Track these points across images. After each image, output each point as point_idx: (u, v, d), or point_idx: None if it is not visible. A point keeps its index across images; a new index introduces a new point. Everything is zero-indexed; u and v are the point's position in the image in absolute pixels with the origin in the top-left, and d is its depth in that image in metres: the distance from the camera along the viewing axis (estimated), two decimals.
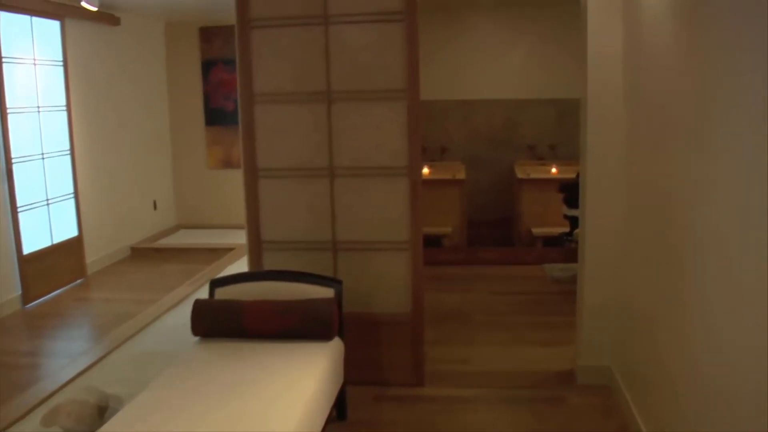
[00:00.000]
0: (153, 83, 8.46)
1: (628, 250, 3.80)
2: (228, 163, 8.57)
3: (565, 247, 6.80)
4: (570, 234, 5.38)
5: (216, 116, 8.57)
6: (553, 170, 7.04)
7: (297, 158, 4.06)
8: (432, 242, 6.80)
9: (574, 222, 5.18)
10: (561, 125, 7.81)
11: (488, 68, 7.75)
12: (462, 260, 6.66)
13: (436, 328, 5.00)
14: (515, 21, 7.70)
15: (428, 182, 6.83)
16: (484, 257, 6.68)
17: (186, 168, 8.78)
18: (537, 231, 6.75)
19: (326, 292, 3.67)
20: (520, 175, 6.91)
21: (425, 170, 7.02)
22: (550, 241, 6.81)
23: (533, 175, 6.89)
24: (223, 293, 3.79)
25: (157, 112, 8.55)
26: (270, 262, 4.17)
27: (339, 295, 3.66)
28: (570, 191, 4.97)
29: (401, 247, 4.02)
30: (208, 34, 8.48)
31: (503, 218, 7.89)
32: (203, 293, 5.31)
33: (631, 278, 3.70)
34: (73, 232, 6.79)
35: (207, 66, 8.55)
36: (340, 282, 3.69)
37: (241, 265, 6.29)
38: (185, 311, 4.21)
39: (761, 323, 1.91)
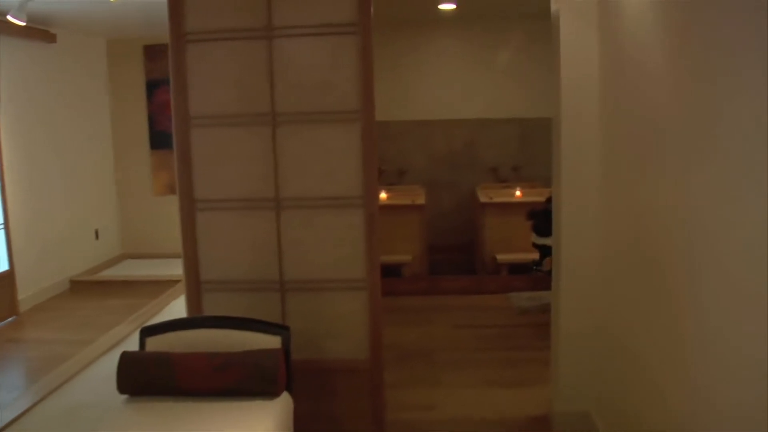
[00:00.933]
0: (94, 104, 7.91)
1: (609, 278, 3.42)
2: (174, 189, 8.00)
3: (531, 274, 6.41)
4: (539, 263, 5.00)
5: (161, 139, 8.01)
6: (517, 193, 6.66)
7: (239, 188, 3.60)
8: (391, 271, 6.37)
9: (543, 251, 4.81)
10: (524, 146, 7.45)
11: (448, 86, 7.37)
12: (423, 290, 6.23)
13: (396, 369, 4.56)
14: (476, 36, 7.34)
15: (386, 208, 6.41)
16: (447, 286, 6.26)
17: (130, 194, 8.22)
18: (501, 258, 6.36)
19: (272, 341, 3.20)
20: (482, 198, 6.52)
21: (383, 195, 6.59)
22: (516, 269, 6.42)
23: (496, 199, 6.51)
24: (156, 343, 3.30)
25: (99, 135, 8.00)
26: (211, 305, 3.69)
27: (287, 344, 3.20)
28: (539, 218, 4.60)
29: (357, 286, 3.58)
30: (152, 52, 7.96)
31: (465, 244, 7.49)
32: None
33: (615, 311, 3.31)
34: (2, 266, 6.22)
35: (152, 86, 8.03)
36: (287, 329, 3.22)
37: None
38: None
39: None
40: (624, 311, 3.18)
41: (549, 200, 4.74)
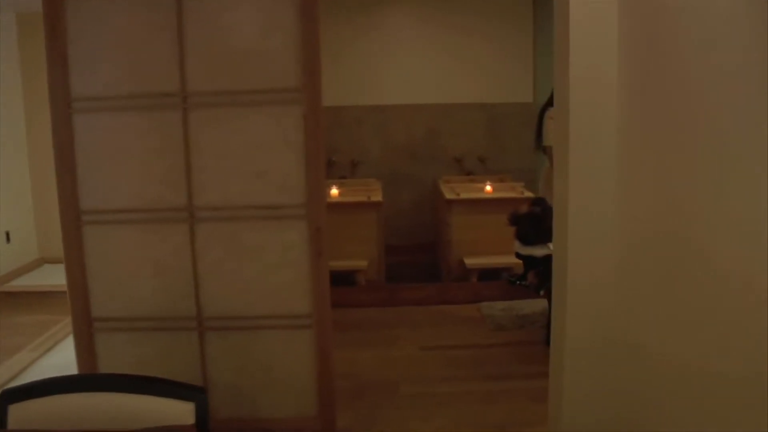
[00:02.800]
0: (4, 87, 6.81)
1: (626, 286, 2.59)
2: None
3: (503, 281, 5.55)
4: (522, 277, 4.16)
5: None
6: (488, 188, 5.80)
7: (139, 195, 2.64)
8: (343, 279, 5.45)
9: (528, 262, 3.97)
10: (491, 134, 6.58)
11: (407, 69, 6.45)
12: (381, 301, 5.34)
13: (351, 409, 3.65)
14: (439, 14, 6.43)
15: (337, 206, 5.48)
16: (409, 296, 5.37)
17: (48, 190, 7.13)
18: (471, 262, 5.50)
19: (181, 411, 2.26)
20: (448, 195, 5.65)
21: (333, 191, 5.67)
22: (486, 274, 5.56)
23: (464, 195, 5.64)
24: (24, 413, 2.34)
25: (10, 121, 6.90)
26: (107, 350, 2.74)
27: (203, 412, 2.26)
28: (524, 224, 3.77)
29: (301, 323, 2.66)
30: None
31: (427, 244, 6.60)
32: (56, 357, 4.01)
33: (637, 321, 2.50)
34: None
35: None
36: (203, 392, 2.29)
37: None
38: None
39: None
40: (651, 322, 2.46)
41: (535, 202, 3.87)
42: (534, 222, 3.70)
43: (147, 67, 2.56)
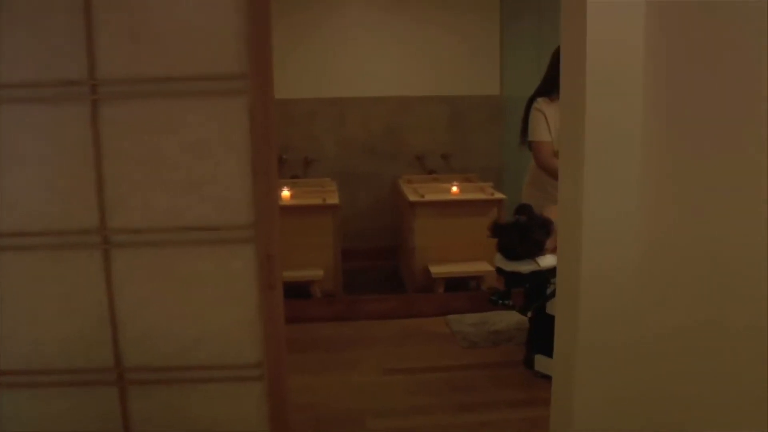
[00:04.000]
0: None
1: (652, 287, 2.14)
2: None
3: (473, 291, 5.03)
4: (506, 296, 3.60)
5: None
6: (454, 189, 5.26)
7: (38, 214, 2.02)
8: (297, 291, 4.86)
9: (513, 280, 3.42)
10: (455, 130, 6.04)
11: (365, 59, 5.85)
12: (339, 315, 4.76)
13: None
14: (400, 2, 5.84)
15: (289, 210, 4.88)
16: (369, 309, 4.81)
17: None
18: (437, 271, 4.96)
19: None
20: (411, 196, 5.09)
21: (285, 193, 5.06)
22: (453, 284, 5.02)
23: (429, 197, 5.10)
24: None
25: None
26: (10, 409, 2.12)
27: None
28: (509, 236, 3.21)
29: (249, 374, 2.07)
30: None
31: (387, 249, 6.04)
32: None
33: (665, 323, 2.09)
34: None
35: None
36: None
37: None
38: None
39: None
40: (673, 326, 2.11)
41: (520, 210, 3.34)
42: (520, 233, 3.17)
43: (44, 45, 1.94)
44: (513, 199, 5.11)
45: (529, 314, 3.38)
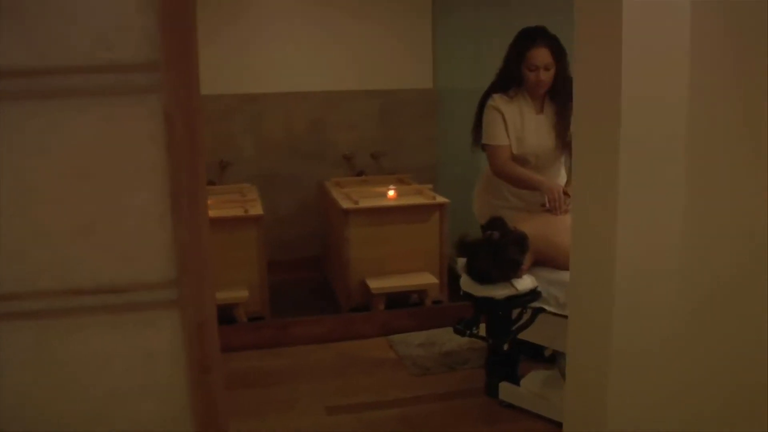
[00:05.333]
0: None
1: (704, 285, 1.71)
2: None
3: (416, 306, 4.47)
4: (472, 323, 2.98)
5: None
6: (390, 193, 4.67)
7: None
8: (219, 315, 4.18)
9: (483, 306, 2.83)
10: (386, 126, 5.45)
11: (286, 51, 5.15)
12: (269, 342, 4.11)
13: None
14: None
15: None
16: (303, 333, 4.18)
17: None
18: (376, 286, 4.37)
19: None
20: (344, 203, 4.49)
21: None
22: (395, 300, 4.44)
23: (364, 203, 4.50)
24: None
25: None
26: None
27: None
28: (480, 256, 2.63)
29: None
30: None
31: (313, 258, 5.41)
32: None
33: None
34: None
35: None
36: None
37: None
38: None
39: None
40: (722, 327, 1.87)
41: (491, 225, 2.77)
42: (493, 253, 2.62)
43: None
44: (454, 202, 4.59)
45: (506, 347, 2.83)
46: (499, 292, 2.66)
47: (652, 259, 1.76)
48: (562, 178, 3.45)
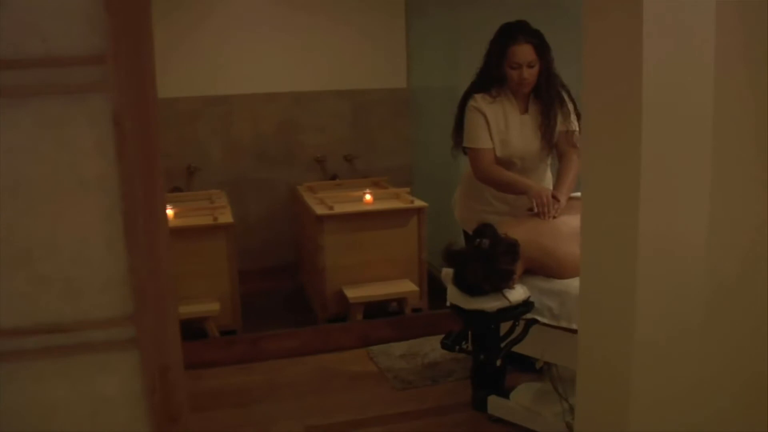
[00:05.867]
0: None
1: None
2: None
3: (396, 315, 4.26)
4: (461, 337, 2.78)
5: None
6: (367, 197, 4.46)
7: None
8: (189, 331, 3.93)
9: (472, 320, 2.62)
10: (359, 127, 5.23)
11: (255, 51, 4.90)
12: (243, 357, 3.87)
13: None
14: None
15: (174, 233, 3.94)
16: (278, 347, 3.94)
17: None
18: (354, 295, 4.15)
19: None
20: (318, 209, 4.26)
21: (168, 212, 4.11)
22: (373, 309, 4.23)
23: (339, 209, 4.28)
24: None
25: None
26: None
27: None
28: (469, 266, 2.43)
29: None
30: None
31: (286, 266, 5.17)
32: None
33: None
34: None
35: None
36: None
37: None
38: None
39: None
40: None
41: (480, 232, 2.56)
42: (484, 264, 2.41)
43: None
44: (432, 205, 4.39)
45: (498, 363, 2.62)
46: (491, 304, 2.45)
47: (676, 261, 1.60)
48: (548, 181, 3.26)
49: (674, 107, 1.44)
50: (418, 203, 4.30)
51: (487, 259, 2.43)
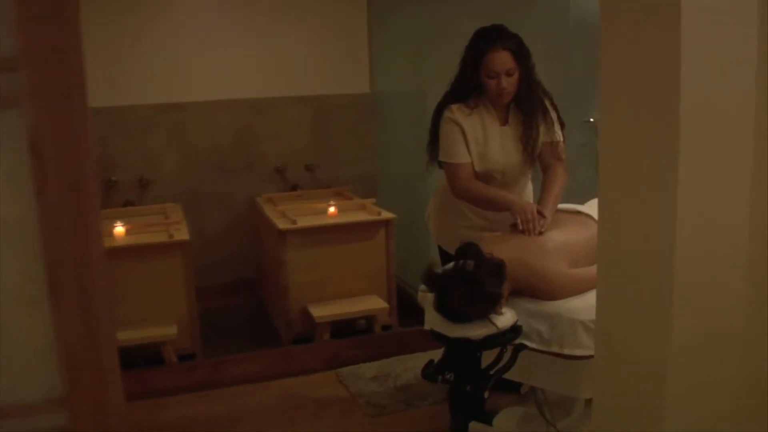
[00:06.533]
0: None
1: None
2: None
3: (365, 333, 4.01)
4: (445, 368, 2.52)
5: None
6: (331, 209, 4.20)
7: None
8: (145, 356, 3.62)
9: (458, 348, 2.37)
10: (321, 135, 4.97)
11: (211, 56, 4.62)
12: (203, 383, 3.57)
13: None
14: None
15: (125, 252, 3.64)
16: (240, 372, 3.66)
17: None
18: (320, 314, 3.88)
19: None
20: (281, 223, 3.98)
21: (118, 229, 3.79)
22: (341, 328, 3.97)
23: (302, 222, 4.02)
24: None
25: None
26: None
27: None
28: (453, 290, 2.19)
29: None
30: None
31: (246, 282, 4.88)
32: None
33: None
34: None
35: None
36: None
37: None
38: None
39: None
40: None
41: (464, 252, 2.32)
42: (470, 288, 2.18)
43: None
44: (399, 215, 4.16)
45: (487, 395, 2.39)
46: (477, 331, 2.22)
47: (716, 263, 1.40)
48: (529, 194, 3.04)
49: (713, 107, 1.24)
50: (386, 215, 4.06)
51: (473, 282, 2.20)
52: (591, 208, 2.87)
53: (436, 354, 3.69)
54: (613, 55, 1.38)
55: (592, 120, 4.37)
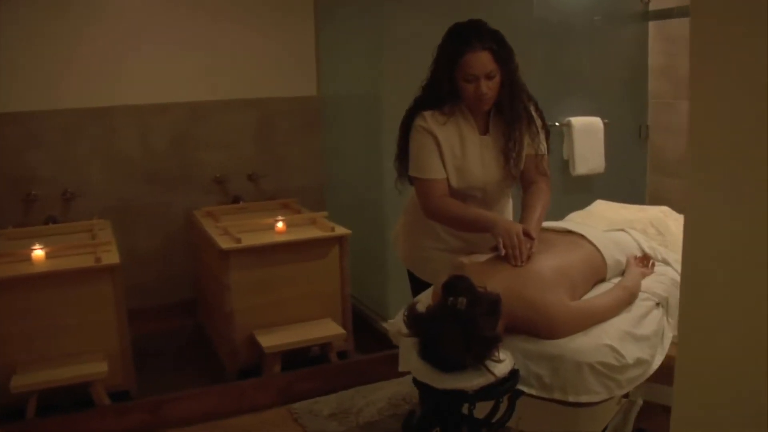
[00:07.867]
0: None
1: None
2: None
3: (324, 364, 3.63)
4: (432, 422, 2.16)
5: None
6: (279, 225, 3.79)
7: None
8: (72, 398, 3.16)
9: (443, 400, 2.01)
10: (265, 141, 4.55)
11: (140, 56, 4.13)
12: (139, 427, 3.13)
13: None
14: None
15: (45, 279, 3.17)
16: (183, 412, 3.22)
17: None
18: (270, 343, 3.46)
19: None
20: (222, 242, 3.55)
21: (37, 252, 3.30)
22: (294, 356, 3.57)
23: (248, 241, 3.59)
24: None
25: None
26: None
27: None
28: (445, 336, 1.83)
29: None
30: None
31: (182, 304, 4.42)
32: None
33: None
34: None
35: None
36: None
37: None
38: None
39: None
40: None
41: (452, 288, 1.96)
42: (465, 332, 1.84)
43: None
44: (352, 230, 3.80)
45: None
46: (471, 381, 1.87)
47: None
48: (509, 212, 2.72)
49: None
50: (340, 230, 3.69)
51: (467, 323, 1.86)
52: (579, 226, 2.57)
53: (400, 384, 3.38)
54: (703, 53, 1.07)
55: (557, 124, 4.13)
